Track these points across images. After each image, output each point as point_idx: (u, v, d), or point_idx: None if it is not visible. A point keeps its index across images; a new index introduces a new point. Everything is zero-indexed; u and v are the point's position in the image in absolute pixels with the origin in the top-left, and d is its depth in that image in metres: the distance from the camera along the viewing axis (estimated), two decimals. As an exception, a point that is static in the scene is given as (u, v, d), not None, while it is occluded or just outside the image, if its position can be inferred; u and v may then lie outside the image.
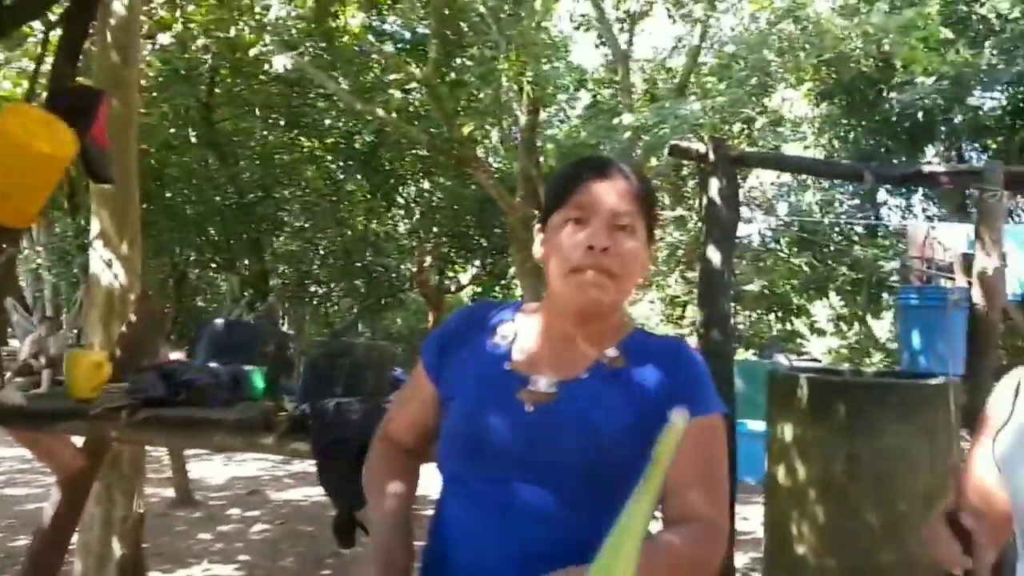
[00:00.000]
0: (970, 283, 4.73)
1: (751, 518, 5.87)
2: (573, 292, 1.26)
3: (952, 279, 6.26)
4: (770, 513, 4.44)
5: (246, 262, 13.31)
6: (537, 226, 1.36)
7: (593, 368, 1.28)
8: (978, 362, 4.29)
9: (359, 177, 11.38)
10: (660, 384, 1.26)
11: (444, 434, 1.32)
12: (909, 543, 3.98)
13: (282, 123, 10.83)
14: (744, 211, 12.89)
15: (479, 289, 13.21)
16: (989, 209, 4.25)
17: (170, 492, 6.66)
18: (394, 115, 9.19)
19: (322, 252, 13.80)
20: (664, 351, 1.31)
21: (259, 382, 2.94)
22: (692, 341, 5.19)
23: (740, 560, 4.94)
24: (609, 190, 1.28)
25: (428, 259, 13.08)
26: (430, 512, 1.34)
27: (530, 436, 1.22)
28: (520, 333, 1.35)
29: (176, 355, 4.12)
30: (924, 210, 12.70)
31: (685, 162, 7.91)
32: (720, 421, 1.27)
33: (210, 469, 8.11)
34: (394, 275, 13.55)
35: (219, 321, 3.59)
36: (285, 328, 15.64)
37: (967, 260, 6.03)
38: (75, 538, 3.49)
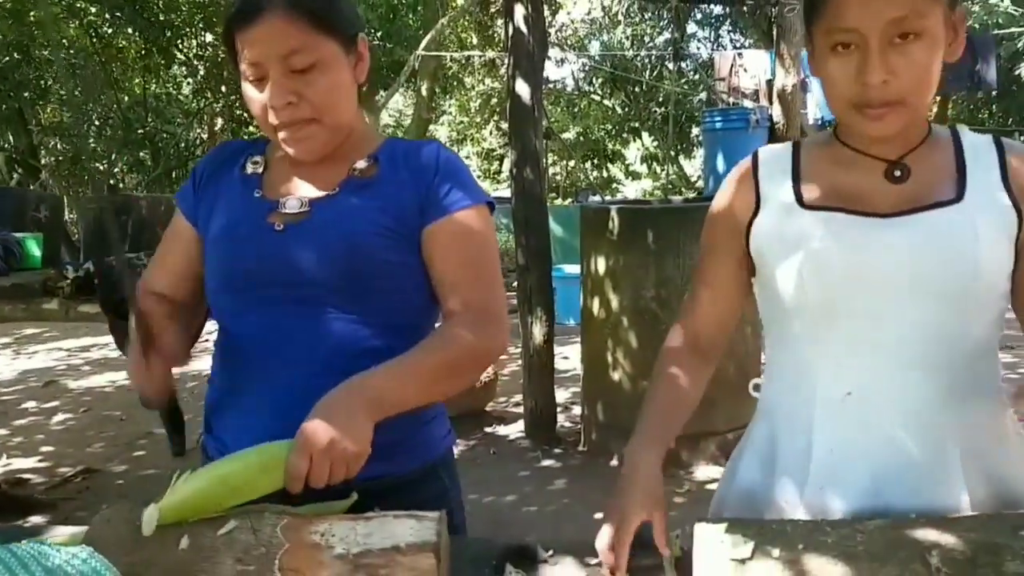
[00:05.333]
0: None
1: (571, 357, 6.14)
2: (287, 147, 1.23)
3: (758, 103, 6.55)
4: (587, 345, 4.62)
5: (11, 138, 11.86)
6: None
7: (344, 183, 1.25)
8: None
9: (130, 32, 10.19)
10: (414, 184, 1.23)
11: (206, 276, 1.29)
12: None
13: (30, -29, 9.44)
14: (556, 52, 12.81)
15: (280, 153, 12.51)
16: (788, 24, 4.41)
17: (-48, 392, 6.13)
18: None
19: (97, 122, 12.49)
20: (416, 152, 1.28)
21: (35, 250, 2.65)
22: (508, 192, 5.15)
23: (561, 395, 5.17)
24: (266, 36, 1.16)
25: (219, 122, 12.14)
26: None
27: (280, 255, 1.20)
28: (271, 163, 1.31)
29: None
30: (733, 41, 13.14)
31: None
32: (483, 211, 1.25)
33: (-4, 365, 7.44)
34: (183, 143, 12.53)
35: (-27, 189, 3.18)
36: (67, 209, 14.30)
37: (772, 85, 6.32)
38: None
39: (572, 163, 16.69)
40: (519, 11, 4.52)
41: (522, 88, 4.59)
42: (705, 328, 1.24)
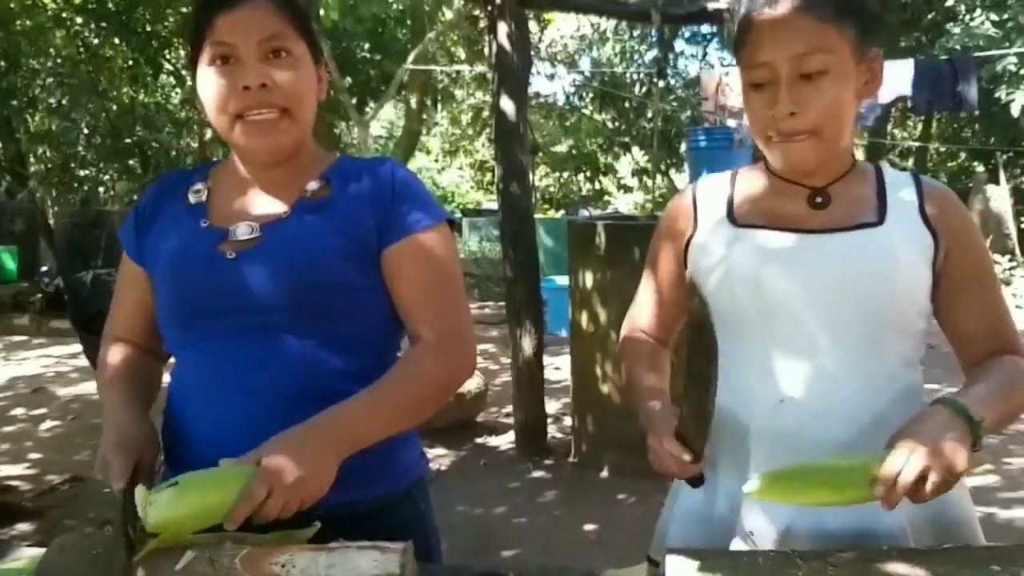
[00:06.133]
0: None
1: (562, 367, 6.14)
2: (246, 140, 1.18)
3: (742, 122, 6.58)
4: (576, 358, 4.63)
5: (-1, 145, 11.82)
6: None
7: (295, 204, 1.22)
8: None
9: (117, 42, 10.17)
10: (371, 205, 1.21)
11: (158, 310, 1.26)
12: (701, 370, 4.29)
13: (17, -20, 9.41)
14: (547, 67, 12.88)
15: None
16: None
17: (-59, 399, 6.11)
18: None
19: (86, 131, 12.46)
20: (370, 172, 1.25)
21: (9, 262, 2.62)
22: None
23: (552, 406, 5.17)
24: (246, 17, 1.16)
25: (208, 131, 12.13)
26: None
27: (235, 283, 1.17)
28: (214, 189, 1.27)
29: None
30: (720, 59, 13.25)
31: (480, 14, 7.68)
32: (444, 230, 1.24)
33: (-16, 371, 7.39)
34: (173, 152, 12.50)
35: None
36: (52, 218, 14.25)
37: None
38: None
39: (565, 174, 16.79)
40: (503, 29, 4.53)
41: (507, 105, 4.60)
42: (649, 325, 1.36)
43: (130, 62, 10.69)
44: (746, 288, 1.16)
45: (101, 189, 14.17)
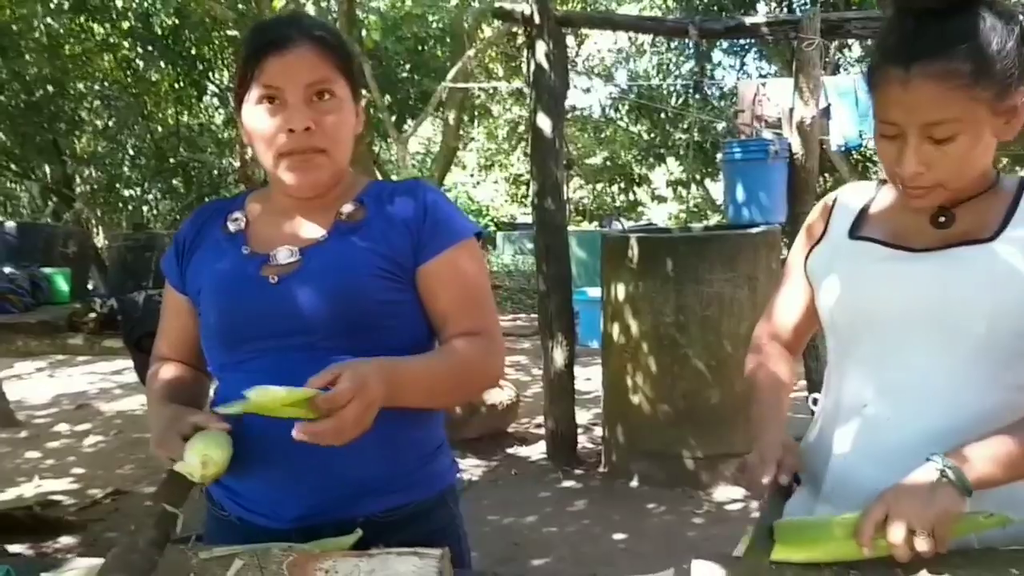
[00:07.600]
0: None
1: (593, 378, 6.16)
2: (288, 177, 1.25)
3: (780, 133, 6.52)
4: (607, 370, 4.66)
5: (46, 168, 12.14)
6: (236, 105, 1.30)
7: (332, 228, 1.29)
8: (797, 209, 4.55)
9: (163, 65, 10.43)
10: (404, 225, 1.27)
11: (202, 333, 1.31)
12: (734, 383, 4.30)
13: (66, 7, 9.67)
14: (583, 80, 12.92)
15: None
16: (807, 57, 4.44)
17: (-11, 415, 6.20)
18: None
19: (131, 152, 12.76)
20: (401, 193, 1.32)
21: (63, 285, 2.75)
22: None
23: (582, 417, 5.19)
24: (295, 63, 1.22)
25: (250, 151, 12.34)
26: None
27: (278, 306, 1.23)
28: (252, 217, 1.34)
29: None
30: (758, 69, 13.14)
31: (519, 31, 7.76)
32: (473, 243, 1.31)
33: (31, 388, 7.53)
34: (215, 171, 12.74)
35: (10, 224, 3.31)
36: (100, 236, 14.59)
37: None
38: None
39: (599, 186, 16.80)
40: (541, 48, 4.61)
41: (544, 122, 4.67)
42: (782, 330, 1.39)
43: (175, 84, 10.94)
44: (842, 298, 1.19)
45: (145, 208, 14.47)
